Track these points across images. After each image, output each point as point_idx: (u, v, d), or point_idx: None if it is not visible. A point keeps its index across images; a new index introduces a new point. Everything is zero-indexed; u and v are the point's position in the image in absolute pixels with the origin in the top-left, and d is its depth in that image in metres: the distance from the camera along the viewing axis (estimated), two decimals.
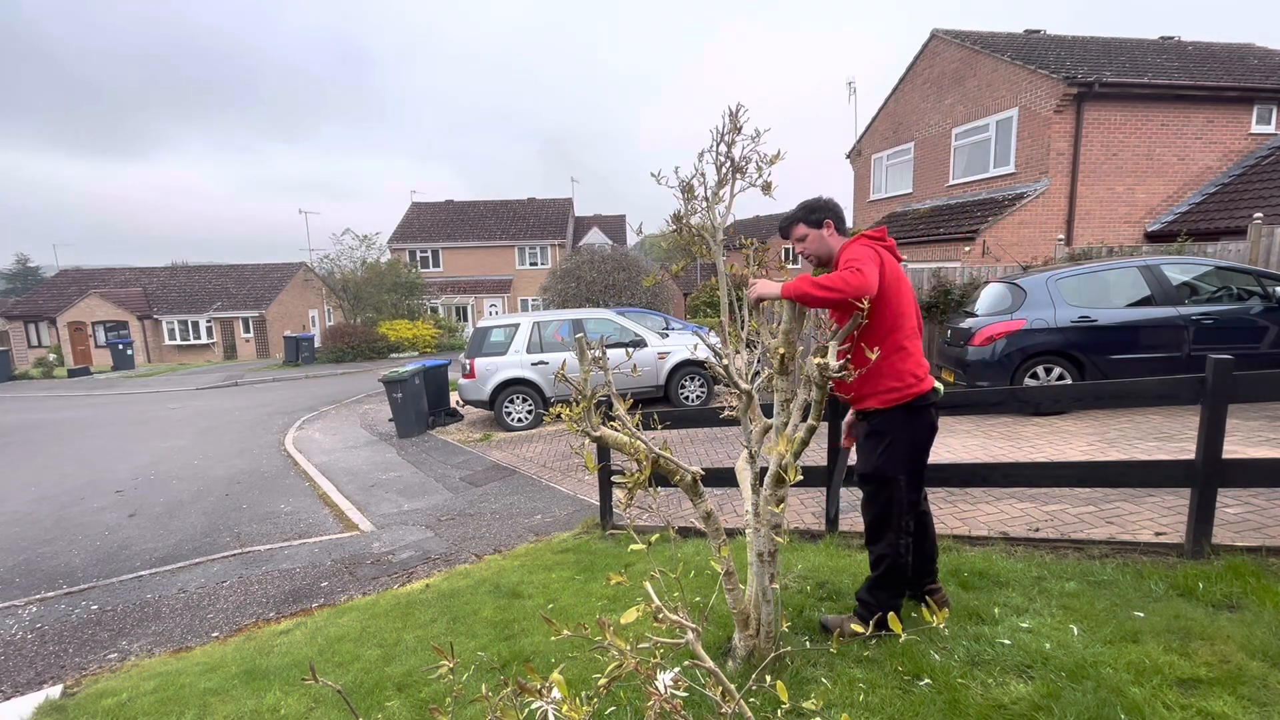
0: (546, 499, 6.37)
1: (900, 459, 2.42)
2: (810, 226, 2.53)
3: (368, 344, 25.09)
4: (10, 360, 25.55)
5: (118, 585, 5.08)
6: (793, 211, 2.60)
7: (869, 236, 2.43)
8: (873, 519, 2.55)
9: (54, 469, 9.45)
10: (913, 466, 2.45)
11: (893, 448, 2.41)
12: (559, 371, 2.02)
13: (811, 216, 2.54)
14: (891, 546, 2.46)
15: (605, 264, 19.56)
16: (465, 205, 36.69)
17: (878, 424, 2.44)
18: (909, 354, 2.36)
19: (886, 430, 2.41)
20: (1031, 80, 11.76)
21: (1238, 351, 5.23)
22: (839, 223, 2.55)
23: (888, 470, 2.43)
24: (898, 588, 2.52)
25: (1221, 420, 3.00)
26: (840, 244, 2.49)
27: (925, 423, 2.44)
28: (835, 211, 2.56)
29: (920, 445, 2.46)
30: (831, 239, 2.53)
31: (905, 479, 2.43)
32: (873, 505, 2.53)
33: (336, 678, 2.96)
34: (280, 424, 12.14)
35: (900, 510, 2.44)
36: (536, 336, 9.94)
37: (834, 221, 2.54)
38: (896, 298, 2.35)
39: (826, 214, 2.53)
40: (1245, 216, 9.58)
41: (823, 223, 2.52)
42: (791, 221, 2.59)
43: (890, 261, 2.37)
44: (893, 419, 2.39)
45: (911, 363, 2.37)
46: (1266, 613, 2.45)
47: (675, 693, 1.05)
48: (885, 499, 2.47)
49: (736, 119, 2.46)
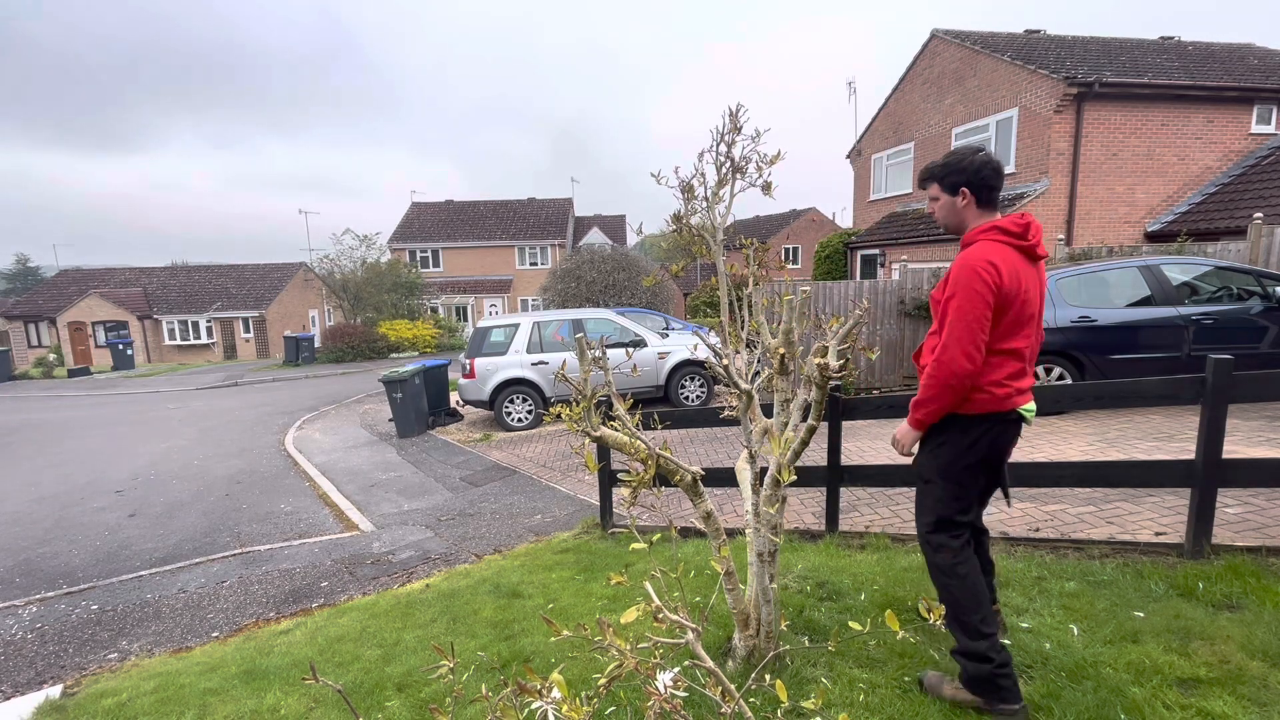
0: (546, 499, 6.37)
1: (942, 464, 2.16)
2: (945, 190, 2.13)
3: (368, 344, 25.09)
4: (10, 360, 25.55)
5: (118, 585, 5.08)
6: (933, 164, 2.17)
7: (1002, 233, 2.03)
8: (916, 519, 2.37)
9: (54, 469, 9.45)
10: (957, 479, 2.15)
11: (940, 451, 2.16)
12: (559, 371, 2.02)
13: (948, 179, 2.12)
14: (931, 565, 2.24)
15: (605, 264, 19.57)
16: (465, 205, 36.69)
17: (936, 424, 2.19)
18: (994, 369, 2.04)
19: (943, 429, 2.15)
20: (1031, 80, 11.75)
21: (1238, 351, 5.23)
22: (982, 193, 2.09)
23: (924, 470, 2.23)
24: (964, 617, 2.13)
25: (1221, 420, 3.00)
26: (974, 228, 2.09)
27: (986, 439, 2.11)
28: (979, 177, 2.08)
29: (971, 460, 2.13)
30: (966, 211, 2.12)
31: (943, 487, 2.16)
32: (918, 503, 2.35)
33: (336, 678, 2.96)
34: (280, 424, 12.14)
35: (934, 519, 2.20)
36: (536, 336, 9.94)
37: (973, 191, 2.09)
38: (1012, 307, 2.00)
39: (964, 180, 2.09)
40: (1245, 216, 9.57)
41: (958, 189, 2.10)
42: (929, 177, 2.19)
43: (1015, 270, 1.99)
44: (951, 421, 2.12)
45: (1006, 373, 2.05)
46: (1266, 613, 2.45)
47: (675, 693, 1.05)
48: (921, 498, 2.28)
49: (736, 119, 2.47)
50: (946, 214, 2.16)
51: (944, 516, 2.16)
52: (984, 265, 1.96)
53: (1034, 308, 2.05)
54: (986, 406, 2.07)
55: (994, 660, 2.01)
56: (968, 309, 1.97)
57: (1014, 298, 1.99)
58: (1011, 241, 2.03)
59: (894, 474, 4.48)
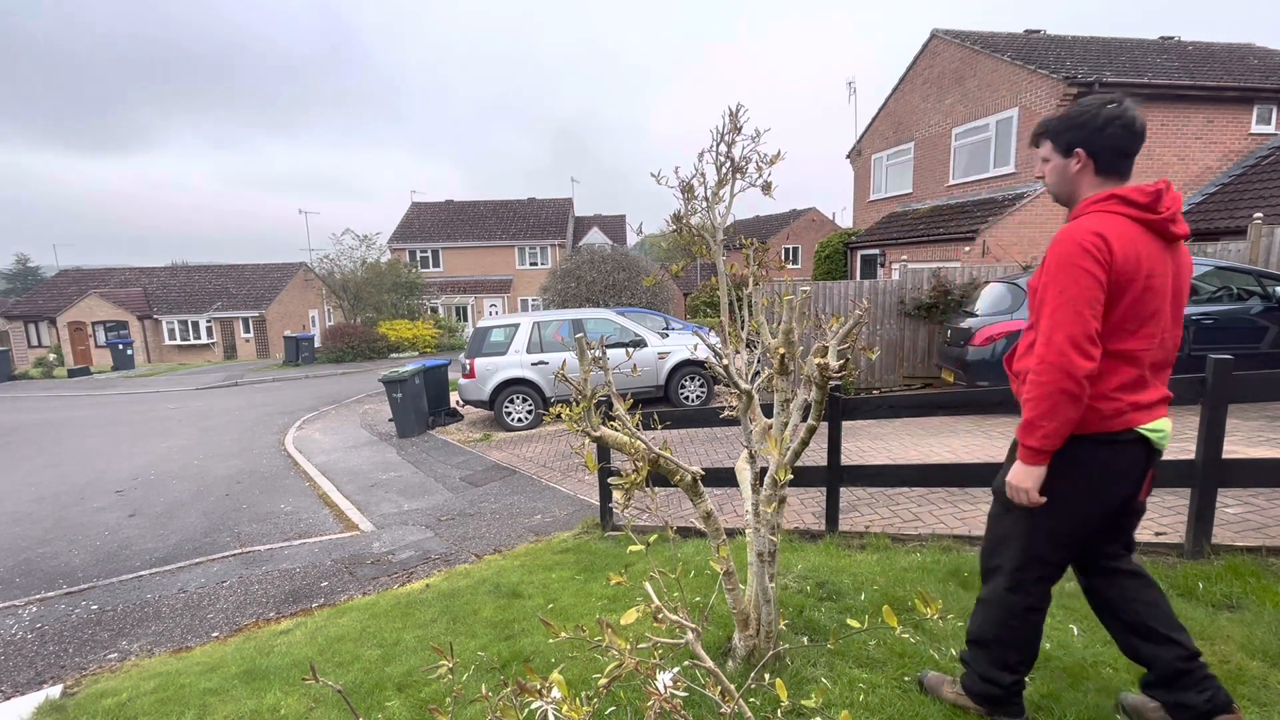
0: (546, 499, 6.37)
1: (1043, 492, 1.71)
2: (1058, 151, 1.72)
3: (368, 344, 25.09)
4: (10, 360, 25.55)
5: (118, 585, 5.08)
6: (1050, 118, 1.76)
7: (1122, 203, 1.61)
8: (985, 547, 1.95)
9: (54, 469, 9.45)
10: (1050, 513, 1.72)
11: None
12: (559, 371, 2.02)
13: (1061, 136, 1.71)
14: (994, 592, 1.88)
15: (605, 264, 19.58)
16: (465, 205, 36.70)
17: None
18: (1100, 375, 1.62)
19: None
20: (1031, 80, 11.76)
21: (1238, 351, 5.23)
22: (1103, 156, 1.66)
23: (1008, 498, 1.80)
24: (1004, 653, 1.86)
25: (1221, 420, 3.00)
26: (1086, 196, 1.69)
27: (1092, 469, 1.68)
28: (1102, 137, 1.64)
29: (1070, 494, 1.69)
30: (1080, 178, 1.70)
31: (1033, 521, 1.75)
32: (989, 529, 1.94)
33: (336, 678, 2.96)
34: (280, 424, 12.14)
35: (1017, 553, 1.81)
36: (536, 336, 9.95)
37: (1091, 154, 1.66)
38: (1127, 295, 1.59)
39: (1081, 139, 1.66)
40: (1245, 216, 9.57)
41: (1073, 150, 1.68)
42: (1041, 133, 1.77)
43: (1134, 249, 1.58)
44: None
45: (1116, 382, 1.64)
46: (1266, 613, 2.45)
47: (675, 693, 1.05)
48: (1000, 528, 1.88)
49: (736, 119, 2.47)
50: (1056, 180, 1.75)
51: (1035, 555, 1.78)
52: (1089, 237, 1.57)
53: (1161, 300, 1.62)
54: (1087, 426, 1.65)
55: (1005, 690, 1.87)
56: (1073, 290, 1.57)
57: (1129, 283, 1.57)
58: (1135, 214, 1.61)
59: (894, 474, 4.49)
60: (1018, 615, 1.84)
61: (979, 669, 1.91)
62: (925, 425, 6.89)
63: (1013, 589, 1.83)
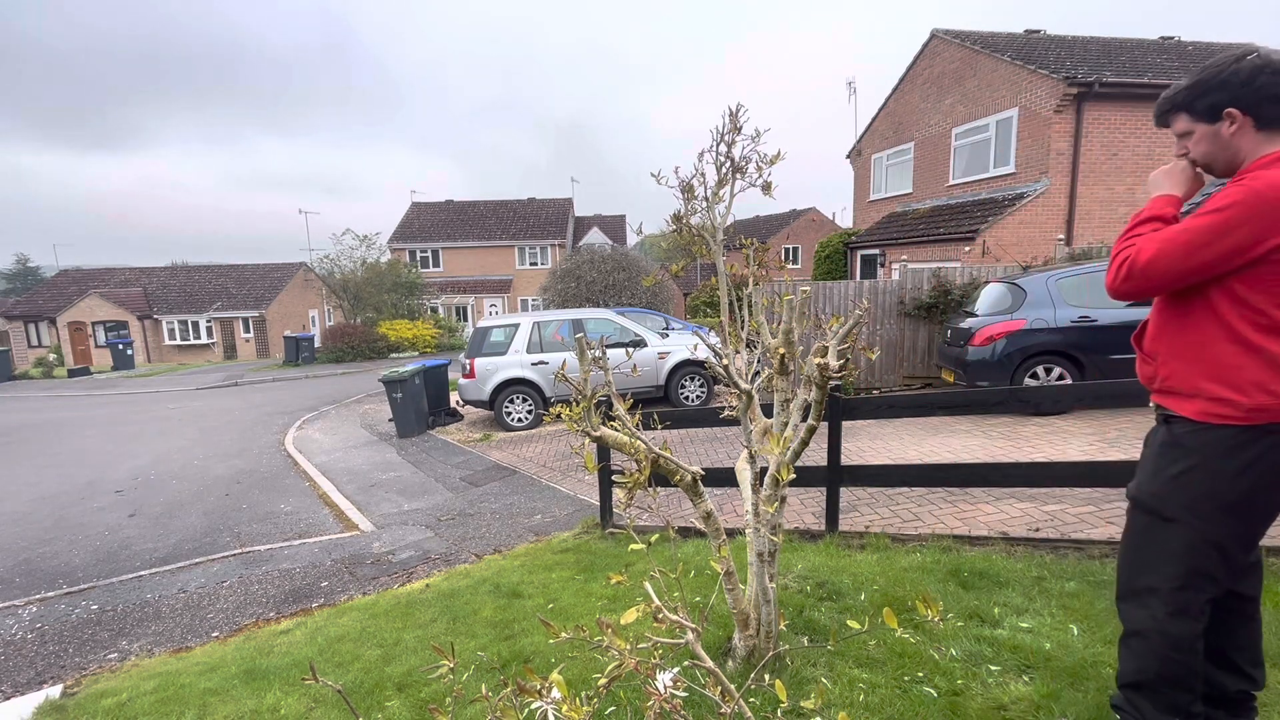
0: (546, 499, 6.37)
1: (1196, 499, 1.51)
2: (1196, 118, 1.53)
3: (368, 344, 25.09)
4: (10, 360, 25.55)
5: (118, 585, 5.08)
6: (1175, 88, 1.57)
7: None
8: (1125, 568, 1.67)
9: (54, 469, 9.45)
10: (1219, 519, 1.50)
11: (1193, 477, 1.52)
12: (559, 371, 2.02)
13: (1199, 102, 1.52)
14: (1152, 621, 1.59)
15: (605, 264, 19.59)
16: (465, 205, 36.70)
17: (1182, 435, 1.55)
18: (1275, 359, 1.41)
19: (1193, 450, 1.52)
20: (1031, 80, 11.76)
21: None
22: (1264, 107, 1.45)
23: (1166, 505, 1.57)
24: (1173, 696, 1.58)
25: None
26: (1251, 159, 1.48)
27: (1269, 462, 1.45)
28: (1253, 89, 1.44)
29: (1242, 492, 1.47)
30: (1240, 139, 1.49)
31: (1197, 529, 1.52)
32: (1127, 540, 1.68)
33: (336, 678, 2.96)
34: (280, 424, 12.14)
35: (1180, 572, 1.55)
36: (536, 336, 9.95)
37: (1246, 110, 1.46)
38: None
39: (1228, 98, 1.47)
40: None
41: (1221, 113, 1.49)
42: (1170, 108, 1.59)
43: None
44: (1209, 439, 1.49)
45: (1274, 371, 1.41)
46: (1266, 613, 2.44)
47: (675, 693, 1.05)
48: (1149, 543, 1.62)
49: (736, 119, 2.46)
50: (1209, 149, 1.53)
51: (1199, 570, 1.53)
52: (1274, 185, 1.37)
53: None
54: (1267, 415, 1.42)
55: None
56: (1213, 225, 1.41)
57: None
58: None
59: (894, 474, 4.50)
60: (1185, 647, 1.55)
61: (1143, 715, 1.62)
62: (925, 425, 6.89)
63: (1176, 614, 1.55)
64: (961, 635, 2.49)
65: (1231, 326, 1.45)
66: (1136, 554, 1.65)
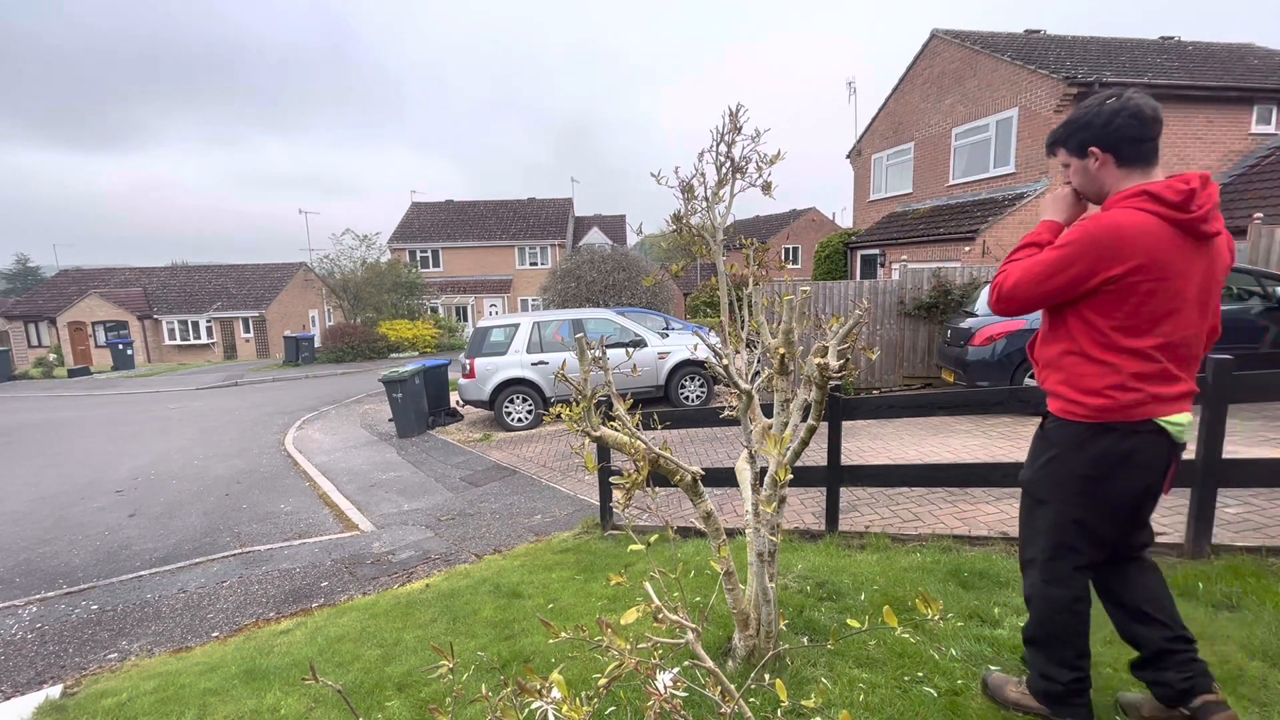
0: (546, 499, 6.37)
1: (1057, 483, 1.81)
2: (1072, 153, 1.76)
3: (368, 344, 25.10)
4: (10, 360, 25.55)
5: (118, 585, 5.08)
6: (1058, 126, 1.82)
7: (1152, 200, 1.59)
8: (1020, 544, 2.01)
9: (54, 469, 9.45)
10: (1074, 501, 1.79)
11: (1054, 465, 1.82)
12: (559, 371, 2.02)
13: (1071, 140, 1.75)
14: (1033, 587, 1.91)
15: (605, 264, 19.59)
16: (465, 205, 36.70)
17: (1049, 430, 1.87)
18: (1114, 369, 1.66)
19: (1055, 442, 1.82)
20: (1031, 80, 11.76)
21: (1238, 351, 5.22)
22: (1121, 147, 1.66)
23: (1038, 488, 1.88)
24: (1056, 650, 1.86)
25: (1221, 420, 3.00)
26: (1115, 192, 1.69)
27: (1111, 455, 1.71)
28: (1111, 130, 1.65)
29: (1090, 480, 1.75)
30: (1103, 174, 1.71)
31: (1059, 510, 1.82)
32: (1021, 525, 2.00)
33: (336, 678, 2.96)
34: (280, 424, 12.14)
35: (1049, 544, 1.85)
36: (536, 336, 9.95)
37: (1106, 147, 1.67)
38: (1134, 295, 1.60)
39: (1091, 136, 1.69)
40: (1245, 216, 9.57)
41: (1087, 149, 1.71)
42: (1053, 142, 1.83)
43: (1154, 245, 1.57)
44: (1065, 433, 1.79)
45: (1112, 379, 1.67)
46: (1266, 613, 2.45)
47: (675, 693, 1.05)
48: (1031, 522, 1.94)
49: (736, 119, 2.46)
50: (1082, 182, 1.79)
51: (1064, 543, 1.82)
52: (1105, 230, 1.59)
53: (1180, 301, 1.61)
54: (1108, 414, 1.69)
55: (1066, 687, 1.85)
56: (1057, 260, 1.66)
57: (1141, 279, 1.58)
58: (1163, 211, 1.58)
59: (894, 474, 4.50)
60: (1062, 609, 1.84)
61: (1039, 668, 1.92)
62: (925, 425, 6.89)
63: (1049, 581, 1.85)
64: (962, 635, 2.49)
65: (1080, 342, 1.73)
66: (1022, 531, 1.99)
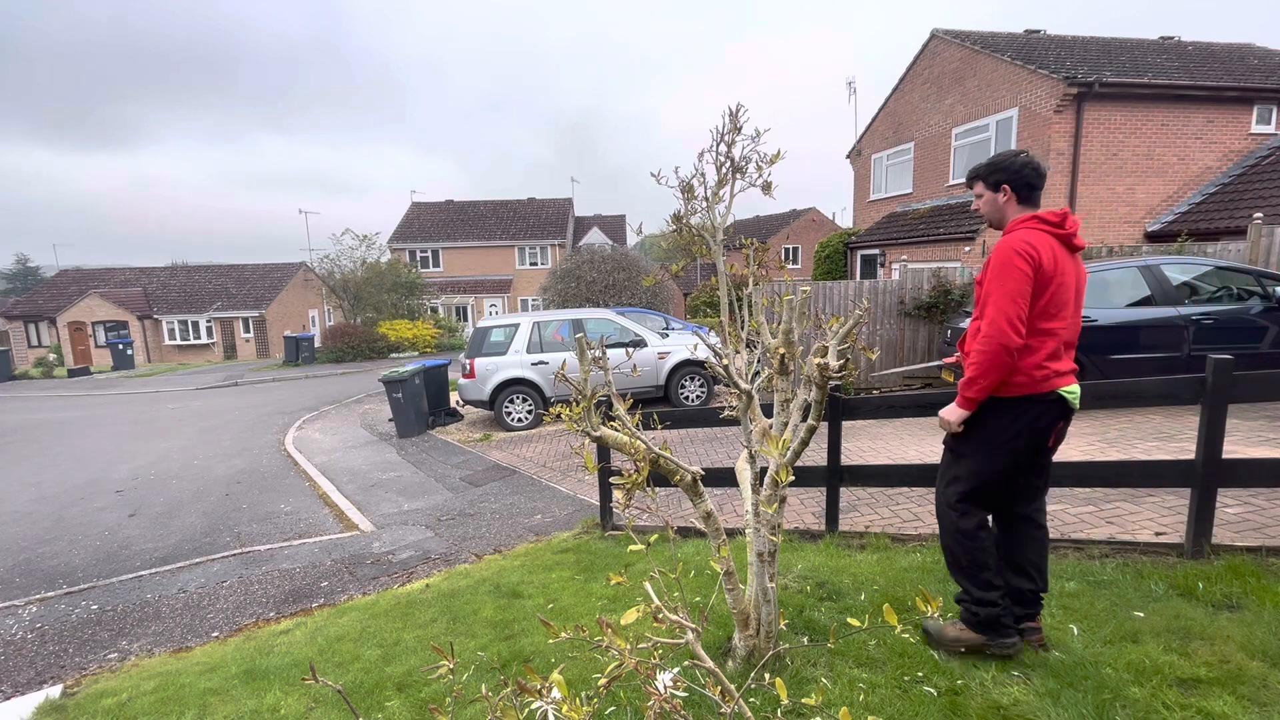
0: (546, 499, 6.37)
1: (978, 439, 2.30)
2: (988, 188, 2.35)
3: (368, 344, 25.09)
4: (10, 360, 25.54)
5: (118, 585, 5.08)
6: (979, 165, 2.40)
7: (1041, 222, 2.21)
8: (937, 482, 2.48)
9: (54, 469, 9.45)
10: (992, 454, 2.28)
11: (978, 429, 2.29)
12: (559, 371, 2.02)
13: (991, 177, 2.33)
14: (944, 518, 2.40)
15: (605, 264, 19.59)
16: (465, 205, 36.70)
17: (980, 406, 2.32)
18: (1032, 351, 2.17)
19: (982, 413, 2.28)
20: (1031, 80, 11.75)
21: (1238, 351, 5.23)
22: (1022, 190, 2.29)
23: (960, 445, 2.36)
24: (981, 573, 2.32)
25: (1221, 420, 3.00)
26: (1013, 219, 2.29)
27: (1025, 420, 2.22)
28: (1019, 176, 2.28)
29: (1008, 439, 2.25)
30: (1007, 207, 2.32)
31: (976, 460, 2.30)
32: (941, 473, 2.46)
33: (336, 678, 2.96)
34: (280, 424, 12.14)
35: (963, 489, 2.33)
36: (536, 336, 9.95)
37: (1013, 188, 2.29)
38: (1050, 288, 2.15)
39: (1005, 178, 2.30)
40: (1245, 216, 9.57)
41: (1000, 186, 2.31)
42: (974, 176, 2.40)
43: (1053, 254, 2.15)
44: (990, 405, 2.25)
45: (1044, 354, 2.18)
46: (1266, 613, 2.45)
47: (675, 693, 1.05)
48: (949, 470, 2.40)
49: (736, 119, 2.46)
50: (990, 209, 2.37)
51: (976, 488, 2.32)
52: (1022, 245, 2.15)
53: (1070, 293, 2.19)
54: (1025, 389, 2.19)
55: (1000, 605, 2.27)
56: (1008, 284, 2.13)
57: (1051, 279, 2.14)
58: (1050, 230, 2.20)
59: (894, 474, 4.49)
60: (968, 533, 2.32)
61: (971, 596, 2.31)
62: (925, 425, 6.89)
63: (962, 515, 2.33)
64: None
65: None
66: (940, 477, 2.46)
